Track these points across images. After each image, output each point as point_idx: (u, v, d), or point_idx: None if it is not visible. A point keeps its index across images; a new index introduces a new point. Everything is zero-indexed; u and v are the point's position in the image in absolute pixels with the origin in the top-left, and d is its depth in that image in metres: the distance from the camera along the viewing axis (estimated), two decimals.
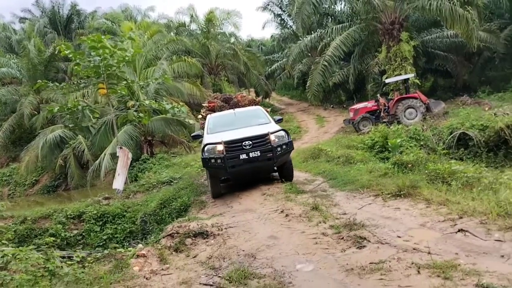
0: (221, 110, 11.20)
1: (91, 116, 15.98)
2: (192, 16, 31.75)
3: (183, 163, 16.80)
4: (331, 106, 30.13)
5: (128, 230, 10.28)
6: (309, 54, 28.77)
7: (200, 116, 12.28)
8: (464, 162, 12.19)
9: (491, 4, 25.33)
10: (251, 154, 8.22)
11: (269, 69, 36.18)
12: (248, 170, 8.50)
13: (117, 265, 5.04)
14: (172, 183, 12.49)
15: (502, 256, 4.12)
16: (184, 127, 19.56)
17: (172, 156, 19.85)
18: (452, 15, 18.42)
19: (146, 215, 9.76)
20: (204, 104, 12.33)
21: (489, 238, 4.65)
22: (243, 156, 8.22)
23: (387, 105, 19.09)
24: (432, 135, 16.22)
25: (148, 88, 19.06)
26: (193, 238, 5.98)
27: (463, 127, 15.16)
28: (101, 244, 9.90)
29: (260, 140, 8.43)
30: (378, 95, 20.51)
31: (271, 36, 45.80)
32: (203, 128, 10.52)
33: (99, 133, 18.47)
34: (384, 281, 3.87)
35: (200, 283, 4.46)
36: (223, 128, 9.38)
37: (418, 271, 3.94)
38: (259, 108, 10.83)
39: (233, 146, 8.31)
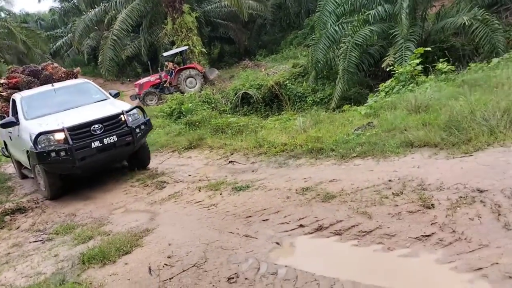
0: (29, 87, 9.00)
1: None
2: None
3: None
4: (128, 79, 30.33)
5: None
6: (97, 28, 28.11)
7: None
8: (248, 116, 14.88)
9: None
10: (105, 141, 6.75)
11: (54, 46, 33.63)
12: (102, 160, 7.10)
13: None
14: None
15: (253, 171, 6.20)
16: None
17: None
18: None
19: None
20: (1, 81, 9.80)
21: (247, 162, 6.74)
22: (96, 144, 6.69)
23: (174, 72, 20.51)
24: (221, 97, 18.77)
25: None
26: (12, 215, 6.47)
27: (244, 87, 18.08)
28: None
29: (113, 122, 7.02)
30: (167, 66, 21.72)
31: (50, 9, 41.78)
32: (4, 113, 8.83)
33: None
34: (177, 201, 5.52)
35: (30, 242, 5.26)
36: (47, 110, 7.52)
37: (199, 190, 5.70)
38: (86, 81, 9.05)
39: (79, 132, 6.70)
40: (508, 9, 12.65)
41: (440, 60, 9.39)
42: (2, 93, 9.36)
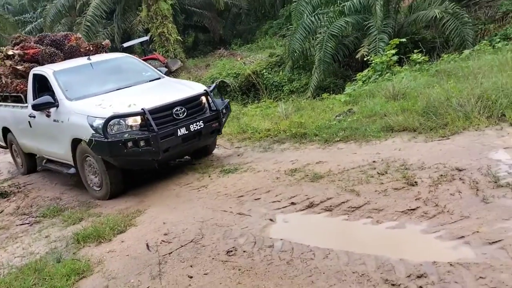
0: (52, 60, 7.18)
1: None
2: None
3: None
4: None
5: None
6: (68, 14, 27.39)
7: None
8: None
9: None
10: (192, 127, 5.47)
11: (23, 32, 32.54)
12: (183, 151, 5.99)
13: None
14: None
15: (239, 155, 6.34)
16: None
17: None
18: None
19: None
20: (12, 52, 7.33)
21: (232, 147, 6.88)
22: (182, 131, 5.37)
23: None
24: None
25: None
26: None
27: (221, 76, 18.18)
28: None
29: (196, 104, 5.76)
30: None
31: None
32: (20, 92, 6.98)
33: None
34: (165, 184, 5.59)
35: (17, 225, 5.24)
36: (92, 89, 6.05)
37: (187, 174, 5.81)
38: (128, 55, 7.60)
39: (161, 116, 5.30)
40: (477, 3, 13.15)
41: (415, 51, 9.77)
42: (17, 67, 7.16)
